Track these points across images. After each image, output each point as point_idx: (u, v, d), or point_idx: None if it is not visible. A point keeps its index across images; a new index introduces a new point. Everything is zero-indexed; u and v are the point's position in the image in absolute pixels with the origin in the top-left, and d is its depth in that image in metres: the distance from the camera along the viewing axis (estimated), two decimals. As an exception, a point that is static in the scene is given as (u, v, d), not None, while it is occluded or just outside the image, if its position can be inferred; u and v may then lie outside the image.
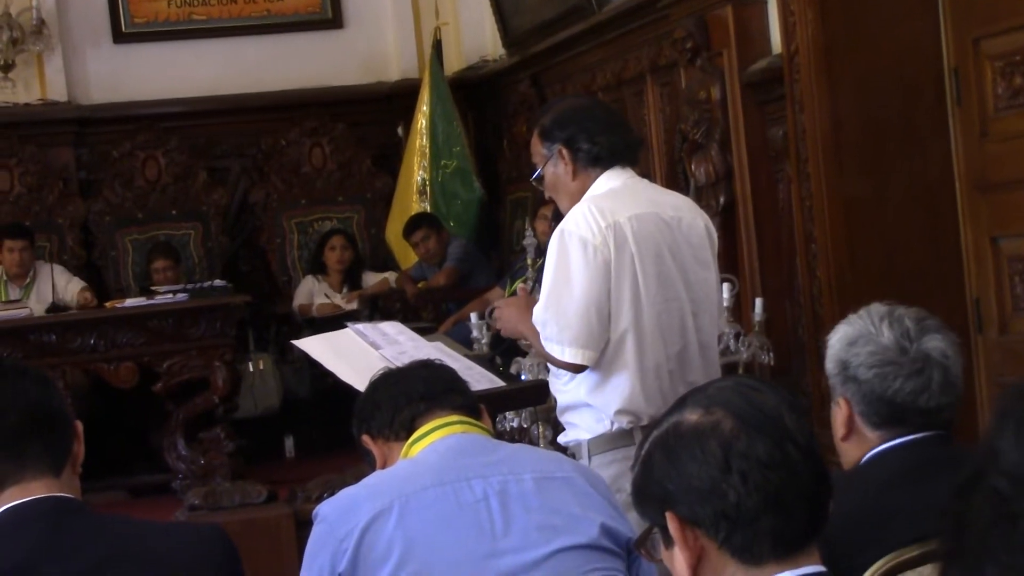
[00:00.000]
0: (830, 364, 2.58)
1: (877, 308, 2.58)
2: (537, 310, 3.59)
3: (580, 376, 3.58)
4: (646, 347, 3.56)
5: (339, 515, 2.52)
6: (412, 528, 2.46)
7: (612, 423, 3.56)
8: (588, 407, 3.60)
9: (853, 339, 2.55)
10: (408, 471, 2.58)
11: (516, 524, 2.50)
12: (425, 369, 2.80)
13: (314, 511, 2.60)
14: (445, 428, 2.65)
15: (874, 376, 2.51)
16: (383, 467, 2.74)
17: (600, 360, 3.55)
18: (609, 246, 3.50)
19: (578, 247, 3.51)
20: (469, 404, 2.75)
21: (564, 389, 3.65)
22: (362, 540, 2.46)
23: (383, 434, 2.74)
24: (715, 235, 3.78)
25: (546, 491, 2.55)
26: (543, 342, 3.56)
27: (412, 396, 2.71)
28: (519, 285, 3.99)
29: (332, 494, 5.35)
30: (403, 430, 2.69)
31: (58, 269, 8.04)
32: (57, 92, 8.78)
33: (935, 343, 2.52)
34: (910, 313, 2.56)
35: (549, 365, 3.71)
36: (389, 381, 2.79)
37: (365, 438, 2.78)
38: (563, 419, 3.70)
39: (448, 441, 2.63)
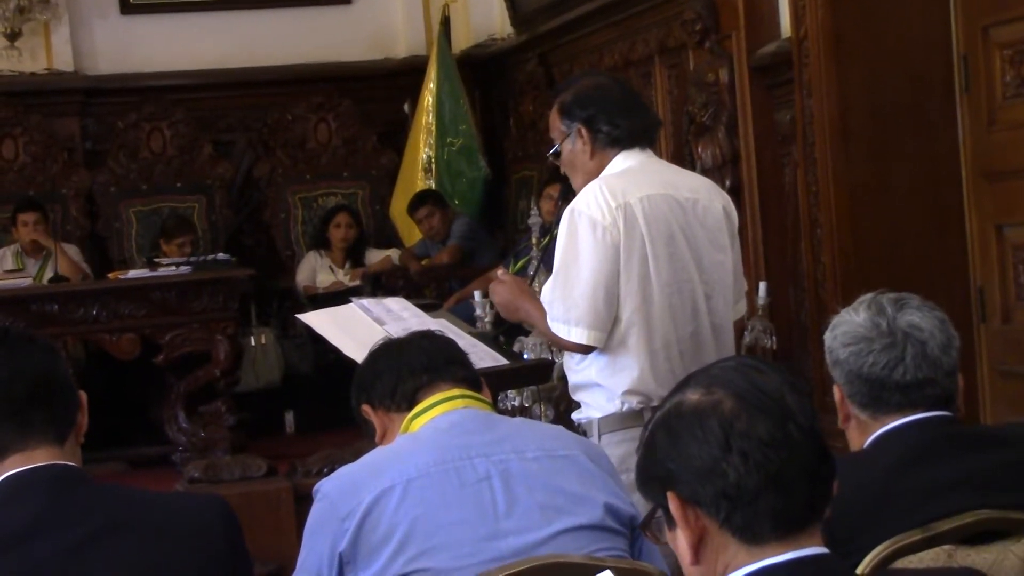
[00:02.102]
0: (825, 355, 2.62)
1: (863, 296, 2.60)
2: (545, 290, 3.60)
3: (591, 356, 3.58)
4: (655, 329, 3.56)
5: (341, 494, 2.49)
6: (414, 510, 2.43)
7: (622, 403, 3.56)
8: (599, 387, 3.60)
9: (834, 325, 2.59)
10: (409, 449, 2.55)
11: (518, 505, 2.47)
12: (426, 340, 2.76)
13: (314, 488, 2.57)
14: (447, 403, 2.62)
15: (850, 355, 2.53)
16: (382, 437, 2.72)
17: (609, 341, 3.55)
18: (619, 227, 3.50)
19: (587, 228, 3.51)
20: (470, 376, 2.72)
21: (576, 369, 3.66)
22: (364, 521, 2.44)
23: (384, 404, 2.71)
24: (735, 216, 3.77)
25: (549, 470, 2.53)
26: (549, 322, 3.56)
27: (414, 368, 2.67)
28: (499, 271, 3.98)
29: (332, 469, 5.36)
30: (404, 402, 2.66)
31: (73, 249, 8.05)
32: (63, 62, 8.76)
33: (909, 318, 2.52)
34: (891, 295, 2.57)
35: None
36: (390, 351, 2.76)
37: (365, 407, 2.75)
38: (575, 398, 3.71)
39: (450, 417, 2.60)
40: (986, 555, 2.37)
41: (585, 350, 3.56)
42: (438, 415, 2.61)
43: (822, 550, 1.71)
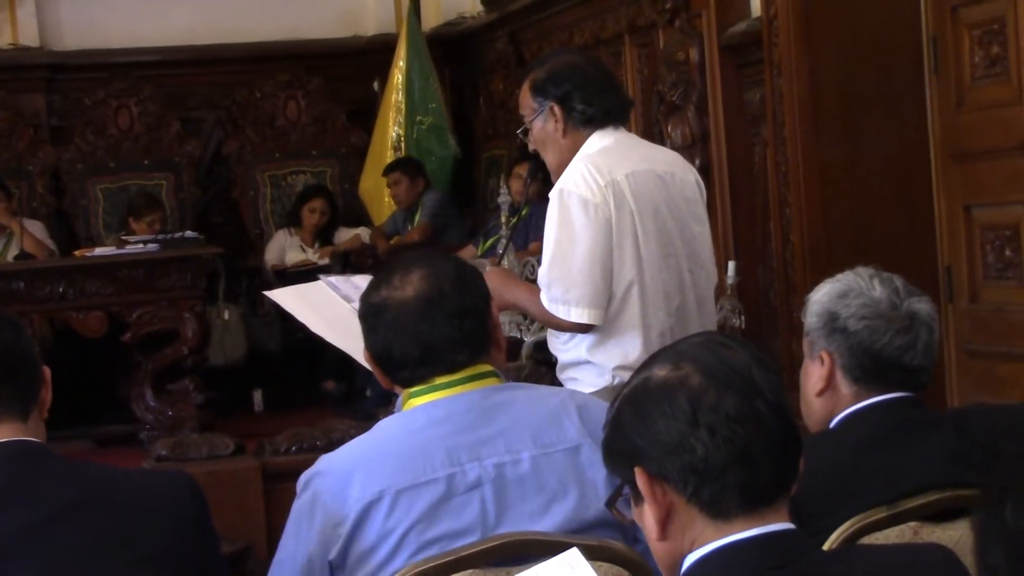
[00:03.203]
0: (814, 318, 2.57)
1: (864, 268, 2.59)
2: (542, 272, 3.58)
3: (580, 334, 3.58)
4: (648, 304, 3.57)
5: (334, 497, 2.38)
6: (403, 522, 2.35)
7: (613, 377, 3.56)
8: (589, 364, 3.60)
9: (844, 292, 2.55)
10: (399, 448, 2.41)
11: (510, 513, 2.38)
12: (423, 321, 2.46)
13: (302, 479, 2.43)
14: (446, 390, 2.47)
15: (864, 328, 2.52)
16: (388, 385, 2.56)
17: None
18: (609, 204, 3.51)
19: (579, 206, 3.50)
20: (475, 352, 2.49)
21: (564, 348, 3.65)
22: (355, 531, 2.35)
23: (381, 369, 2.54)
24: (704, 190, 3.79)
25: (545, 471, 2.41)
26: (548, 304, 3.54)
27: (408, 358, 2.47)
28: (487, 268, 3.92)
29: (300, 448, 5.35)
30: (400, 383, 2.51)
31: (37, 226, 7.99)
32: (29, 37, 8.69)
33: (923, 305, 2.55)
34: (896, 276, 2.58)
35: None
36: (386, 323, 2.49)
37: (367, 354, 2.56)
38: (563, 376, 3.68)
39: (446, 407, 2.45)
40: (951, 532, 2.39)
41: (585, 329, 3.55)
42: (434, 400, 2.47)
43: (788, 526, 1.72)
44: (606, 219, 3.51)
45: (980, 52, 4.73)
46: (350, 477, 2.39)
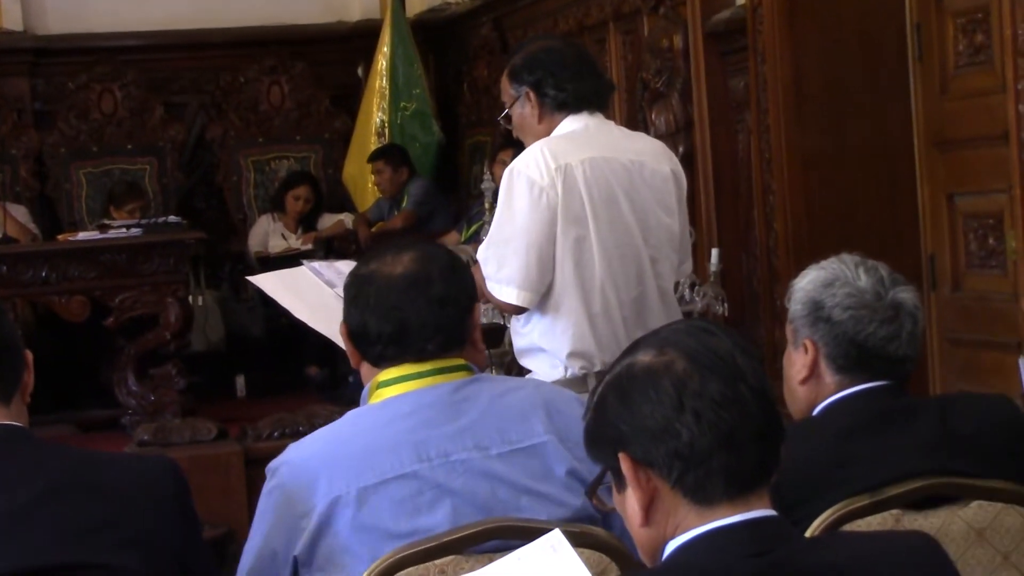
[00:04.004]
0: (798, 305, 2.56)
1: (849, 256, 2.59)
2: (481, 248, 3.60)
3: (534, 320, 3.58)
4: (594, 293, 3.55)
5: (300, 488, 2.36)
6: (370, 521, 2.34)
7: (566, 368, 3.56)
8: (542, 351, 3.59)
9: (829, 281, 2.55)
10: (366, 443, 2.39)
11: (480, 512, 2.34)
12: (405, 298, 2.45)
13: (269, 466, 2.42)
14: (415, 381, 2.45)
15: (849, 318, 2.51)
16: (357, 365, 2.57)
17: (547, 304, 3.55)
18: (557, 189, 3.49)
19: (525, 188, 3.50)
20: (448, 341, 2.47)
21: (521, 332, 3.65)
22: (322, 526, 2.33)
23: (352, 343, 2.54)
24: (683, 181, 3.75)
25: (512, 467, 2.40)
26: (486, 281, 3.56)
27: (382, 333, 2.46)
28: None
29: (283, 434, 5.34)
30: (369, 359, 2.51)
31: (20, 210, 7.96)
32: (12, 21, 8.66)
33: (907, 295, 2.54)
34: (881, 264, 2.58)
35: None
36: (369, 295, 2.48)
37: (343, 328, 2.55)
38: (522, 363, 3.70)
39: (413, 399, 2.43)
40: (933, 520, 2.39)
41: (517, 310, 3.56)
42: (402, 394, 2.45)
43: (771, 512, 1.72)
44: (551, 204, 3.49)
45: (964, 40, 4.73)
46: (317, 470, 2.37)
